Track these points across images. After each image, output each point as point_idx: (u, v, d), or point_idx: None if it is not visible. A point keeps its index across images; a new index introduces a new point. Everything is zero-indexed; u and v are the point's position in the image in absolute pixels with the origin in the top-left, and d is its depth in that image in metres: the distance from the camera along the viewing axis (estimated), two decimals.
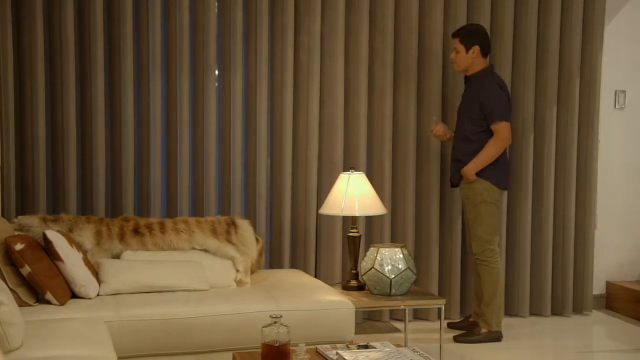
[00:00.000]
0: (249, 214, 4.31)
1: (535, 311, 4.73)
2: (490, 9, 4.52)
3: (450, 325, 4.35)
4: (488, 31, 4.48)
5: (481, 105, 4.05)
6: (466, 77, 4.21)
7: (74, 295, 3.35)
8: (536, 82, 4.62)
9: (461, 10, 4.47)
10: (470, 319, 4.32)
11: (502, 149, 4.08)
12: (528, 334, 4.38)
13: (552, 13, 4.58)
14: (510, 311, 4.67)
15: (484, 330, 4.12)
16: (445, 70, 4.52)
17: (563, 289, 4.75)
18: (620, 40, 4.87)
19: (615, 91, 4.91)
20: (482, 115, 4.06)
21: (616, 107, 4.92)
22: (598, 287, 4.94)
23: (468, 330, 4.20)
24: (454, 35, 4.15)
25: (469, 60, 4.10)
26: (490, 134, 4.07)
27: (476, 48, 4.09)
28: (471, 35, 4.09)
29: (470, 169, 4.05)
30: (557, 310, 4.76)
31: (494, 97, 4.05)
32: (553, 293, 4.75)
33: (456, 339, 4.13)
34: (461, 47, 4.09)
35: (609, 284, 4.97)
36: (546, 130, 4.63)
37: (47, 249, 3.33)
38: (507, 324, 4.37)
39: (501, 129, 4.04)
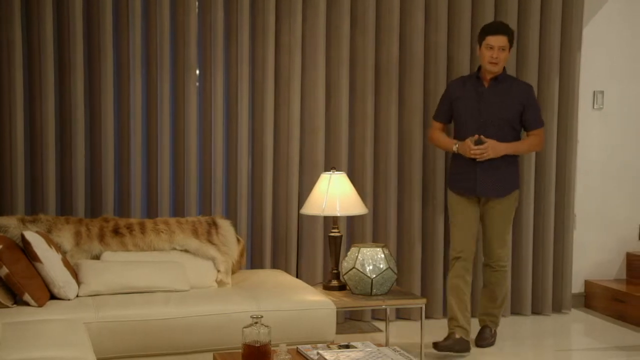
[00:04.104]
0: (230, 214, 4.30)
1: (515, 310, 4.77)
2: (471, 10, 4.55)
3: (438, 347, 3.89)
4: (469, 32, 4.52)
5: (524, 109, 3.91)
6: (479, 77, 3.94)
7: (53, 297, 3.32)
8: None
9: (442, 11, 4.49)
10: (457, 336, 3.91)
11: (536, 150, 4.19)
12: (509, 332, 4.41)
13: (531, 14, 4.62)
14: None
15: (494, 331, 4.14)
16: (427, 70, 4.53)
17: (543, 288, 4.78)
18: (599, 41, 4.91)
19: (594, 92, 4.96)
20: (520, 120, 3.93)
21: (594, 107, 4.97)
22: (577, 286, 4.99)
23: (483, 336, 4.09)
24: (502, 32, 3.85)
25: (507, 59, 3.93)
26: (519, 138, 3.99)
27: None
28: (513, 34, 3.95)
29: (502, 148, 3.84)
30: (537, 309, 4.80)
31: (537, 102, 4.02)
32: (533, 292, 4.79)
33: (479, 345, 4.05)
34: (508, 46, 3.87)
35: (587, 283, 5.02)
36: None
37: (25, 250, 3.30)
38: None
39: (543, 133, 4.03)
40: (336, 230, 3.98)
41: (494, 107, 3.90)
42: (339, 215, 3.94)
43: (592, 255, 5.02)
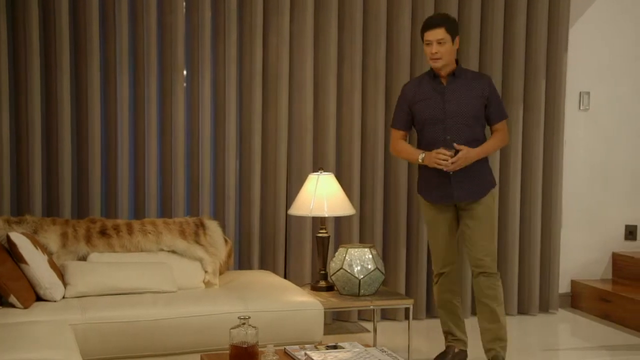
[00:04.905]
0: (218, 214, 4.29)
1: None
2: (458, 10, 4.57)
3: None
4: None
5: (489, 102, 3.62)
6: (436, 75, 3.62)
7: (39, 298, 3.31)
8: (502, 83, 4.67)
9: (429, 11, 4.50)
10: (456, 350, 3.80)
11: (504, 146, 3.84)
12: None
13: (518, 15, 4.64)
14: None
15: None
16: (413, 71, 4.54)
17: (529, 288, 4.81)
18: (585, 42, 4.95)
19: (580, 92, 4.99)
20: (484, 115, 3.65)
21: (580, 108, 5.00)
22: (563, 286, 5.01)
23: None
24: (436, 25, 3.54)
25: (453, 52, 3.57)
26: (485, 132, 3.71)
27: (457, 38, 3.61)
28: (454, 24, 3.60)
29: (473, 156, 3.56)
30: (523, 309, 4.82)
31: (498, 93, 3.75)
32: (519, 292, 4.81)
33: None
34: (448, 38, 3.53)
35: (574, 283, 5.05)
36: (512, 131, 4.68)
37: (11, 251, 3.28)
38: (474, 324, 4.40)
39: (506, 125, 3.73)
40: (324, 231, 3.98)
41: (458, 104, 3.59)
42: (326, 215, 3.95)
43: (579, 255, 5.05)
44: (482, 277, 3.65)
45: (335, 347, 2.88)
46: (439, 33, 3.53)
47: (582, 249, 5.05)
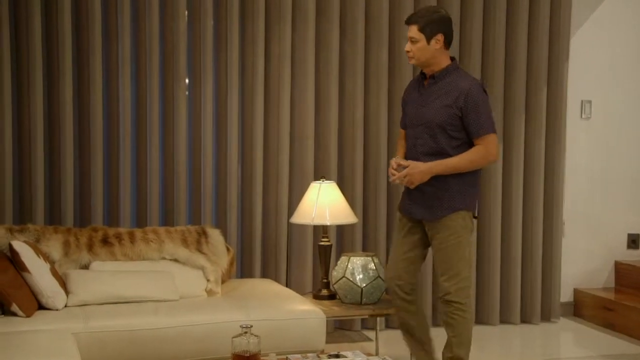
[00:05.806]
0: (220, 223, 4.29)
1: (504, 319, 4.77)
2: (460, 20, 4.58)
3: None
4: (457, 41, 4.53)
5: (464, 114, 3.21)
6: (423, 75, 3.36)
7: (41, 307, 3.30)
8: (504, 92, 4.68)
9: None
10: None
11: (485, 164, 3.34)
12: (497, 342, 4.42)
13: (519, 24, 4.65)
14: (480, 320, 4.70)
15: None
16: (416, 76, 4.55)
17: (531, 297, 4.80)
18: (586, 51, 4.95)
19: (582, 101, 4.99)
20: (461, 125, 3.24)
21: (582, 116, 5.01)
22: (566, 295, 5.00)
23: None
24: (410, 21, 3.29)
25: (430, 52, 3.24)
26: (468, 147, 3.27)
27: (440, 37, 3.24)
28: (434, 21, 3.24)
29: (424, 170, 3.22)
30: (526, 318, 4.81)
31: (485, 105, 3.25)
32: (522, 301, 4.80)
33: None
34: (421, 36, 3.22)
35: (576, 292, 5.03)
36: (514, 140, 4.69)
37: (13, 260, 3.28)
38: (477, 333, 4.39)
39: (491, 141, 3.25)
40: (326, 240, 3.98)
41: (428, 110, 3.28)
42: (328, 224, 3.94)
43: (581, 264, 5.04)
44: (441, 304, 3.33)
45: (337, 356, 2.88)
46: (412, 30, 3.26)
47: (585, 257, 5.05)
